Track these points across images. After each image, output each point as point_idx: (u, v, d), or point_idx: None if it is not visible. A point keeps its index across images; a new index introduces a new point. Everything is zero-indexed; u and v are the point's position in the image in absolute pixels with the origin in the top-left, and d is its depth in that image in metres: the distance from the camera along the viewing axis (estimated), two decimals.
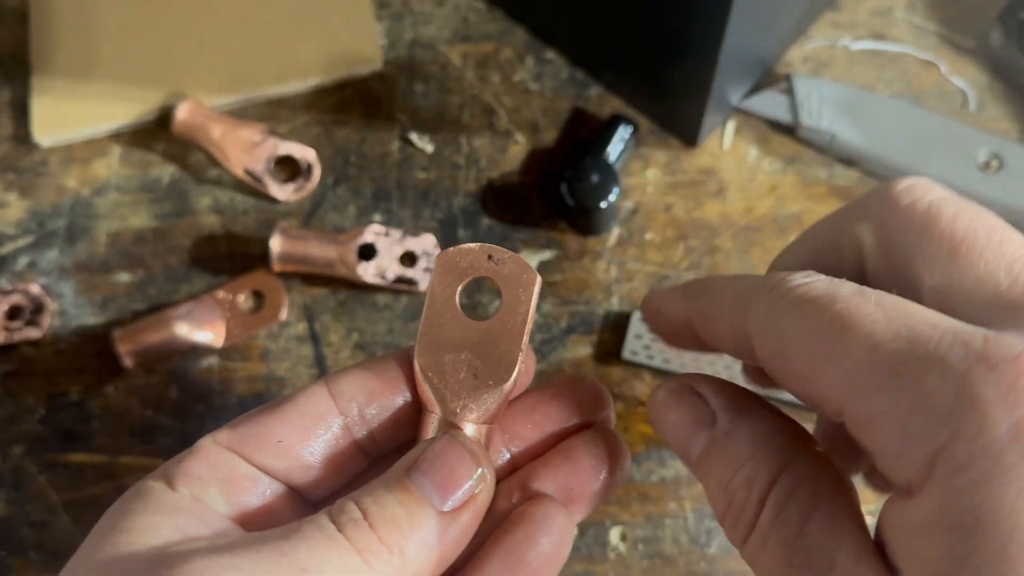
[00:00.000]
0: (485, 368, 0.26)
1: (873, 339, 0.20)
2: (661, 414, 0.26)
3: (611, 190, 0.51)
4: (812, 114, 0.54)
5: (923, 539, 0.20)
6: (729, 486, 0.23)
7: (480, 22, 0.59)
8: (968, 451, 0.19)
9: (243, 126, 0.54)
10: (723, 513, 0.24)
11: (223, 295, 0.52)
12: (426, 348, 0.26)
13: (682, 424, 0.25)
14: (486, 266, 0.26)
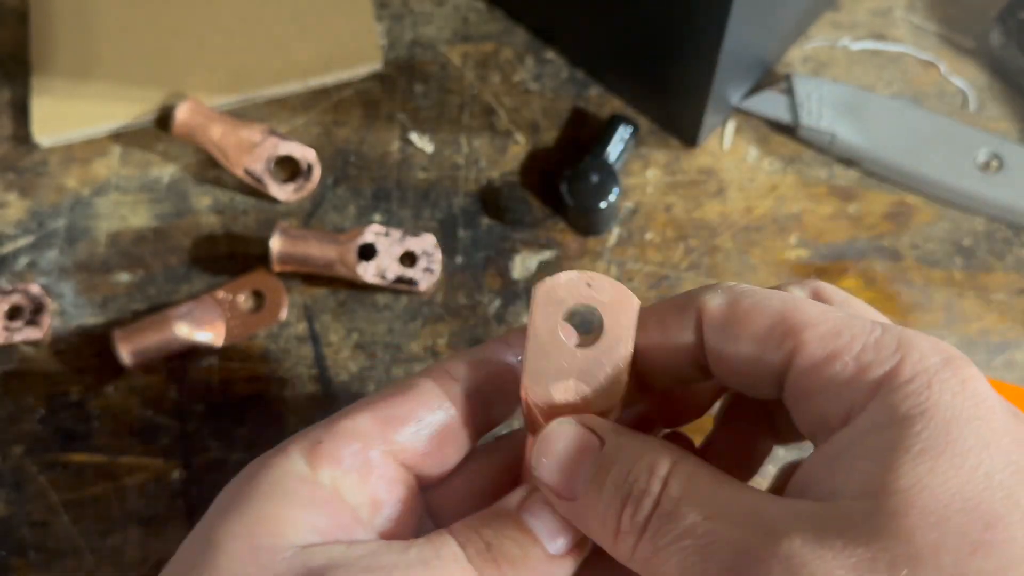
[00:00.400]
0: (592, 395, 0.26)
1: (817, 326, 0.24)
2: (549, 446, 0.26)
3: (611, 190, 0.51)
4: (812, 114, 0.54)
5: (865, 443, 0.22)
6: (627, 479, 0.24)
7: (480, 22, 0.59)
8: (910, 371, 0.22)
9: (243, 126, 0.54)
10: (617, 514, 0.24)
11: (223, 295, 0.52)
12: (533, 380, 0.26)
13: (569, 450, 0.25)
14: (585, 294, 0.26)
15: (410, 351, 0.51)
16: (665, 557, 0.23)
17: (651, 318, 0.27)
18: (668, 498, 0.23)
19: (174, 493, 0.49)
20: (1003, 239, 0.53)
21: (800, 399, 0.25)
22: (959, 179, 0.53)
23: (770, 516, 0.22)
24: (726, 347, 0.26)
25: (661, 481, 0.24)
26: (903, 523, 0.20)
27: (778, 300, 0.25)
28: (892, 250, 0.53)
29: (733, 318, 0.25)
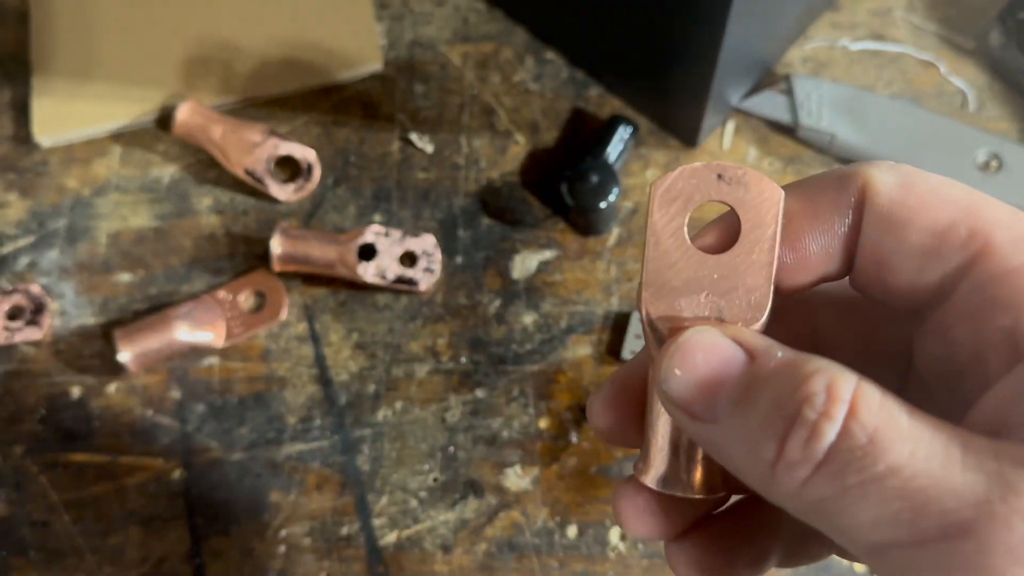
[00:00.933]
0: (731, 308, 0.22)
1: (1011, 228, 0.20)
2: (686, 356, 0.21)
3: (611, 190, 0.51)
4: (812, 114, 0.54)
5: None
6: (794, 397, 0.19)
7: (480, 22, 0.59)
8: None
9: (243, 126, 0.54)
10: (778, 437, 0.19)
11: (223, 295, 0.52)
12: (655, 295, 0.23)
13: (711, 362, 0.21)
14: (716, 188, 0.22)
15: (410, 351, 0.51)
16: (855, 501, 0.18)
17: (799, 199, 0.23)
18: (859, 426, 0.18)
19: (174, 493, 0.49)
20: None
21: (974, 315, 0.21)
22: (959, 179, 0.52)
23: (998, 461, 0.18)
24: (890, 237, 0.21)
25: (846, 405, 0.19)
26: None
27: (962, 190, 0.21)
28: None
29: (907, 203, 0.21)
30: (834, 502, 0.19)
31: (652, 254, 0.23)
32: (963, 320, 0.21)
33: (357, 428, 0.50)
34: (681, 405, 0.21)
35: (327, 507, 0.48)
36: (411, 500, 0.49)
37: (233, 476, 0.49)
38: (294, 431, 0.50)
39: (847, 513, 0.18)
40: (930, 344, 0.22)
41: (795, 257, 0.23)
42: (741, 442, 0.20)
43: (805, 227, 0.22)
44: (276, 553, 0.48)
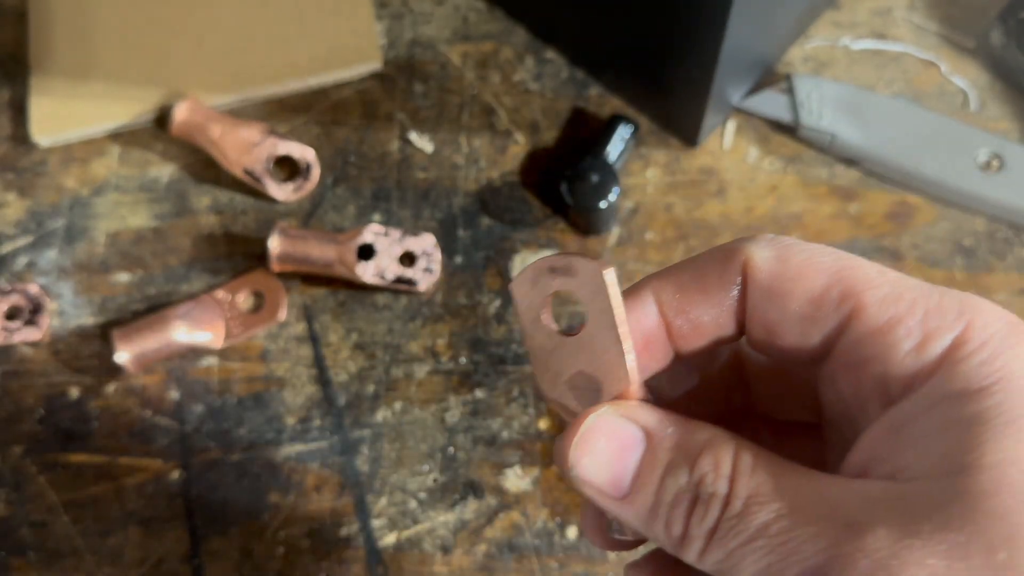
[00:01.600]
0: (605, 378, 0.24)
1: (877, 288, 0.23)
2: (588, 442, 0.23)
3: (611, 190, 0.51)
4: (812, 114, 0.54)
5: (937, 415, 0.20)
6: (692, 479, 0.22)
7: (480, 22, 0.59)
8: (978, 338, 0.21)
9: (242, 126, 0.54)
10: (684, 518, 0.22)
11: (222, 295, 0.52)
12: (546, 381, 0.25)
13: (612, 447, 0.23)
14: (554, 281, 0.25)
15: (410, 351, 0.51)
16: (738, 560, 0.21)
17: (689, 278, 0.25)
18: (736, 496, 0.21)
19: (173, 493, 0.49)
20: (1004, 239, 0.53)
21: (853, 367, 0.23)
22: (960, 179, 0.52)
23: (846, 505, 0.20)
24: (773, 307, 0.24)
25: (727, 480, 0.22)
26: (996, 502, 0.19)
27: (831, 256, 0.23)
28: (893, 250, 0.53)
29: (785, 274, 0.23)
30: (726, 564, 0.21)
31: (530, 348, 0.26)
32: (845, 372, 0.23)
33: (356, 429, 0.50)
34: (594, 488, 0.23)
35: (326, 508, 0.48)
36: (410, 501, 0.48)
37: (232, 477, 0.49)
38: (293, 432, 0.50)
39: (736, 572, 0.21)
40: (826, 391, 0.25)
41: (690, 327, 0.25)
42: (654, 518, 0.23)
43: (696, 300, 0.25)
44: (275, 554, 0.48)
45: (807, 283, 0.23)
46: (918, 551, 0.19)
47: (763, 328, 0.24)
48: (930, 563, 0.19)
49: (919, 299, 0.22)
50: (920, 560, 0.19)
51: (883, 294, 0.22)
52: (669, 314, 0.25)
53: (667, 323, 0.25)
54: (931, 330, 0.22)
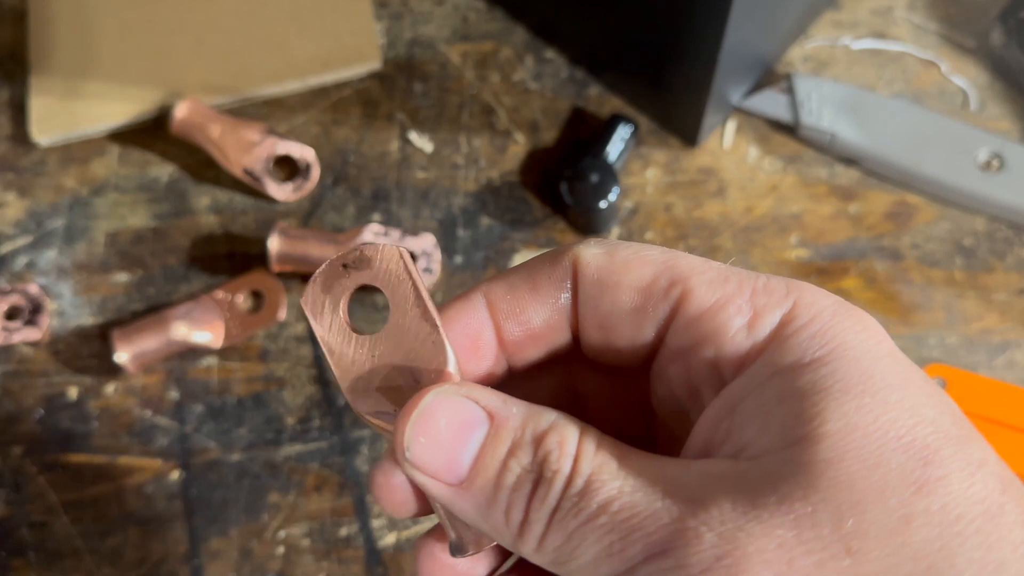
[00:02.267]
0: (421, 364, 0.23)
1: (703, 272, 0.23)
2: (427, 422, 0.22)
3: (611, 190, 0.51)
4: (812, 113, 0.54)
5: (771, 389, 0.20)
6: (536, 458, 0.21)
7: (480, 21, 0.59)
8: (807, 313, 0.21)
9: (242, 125, 0.54)
10: (526, 501, 0.21)
11: (222, 295, 0.52)
12: (356, 394, 0.24)
13: (454, 426, 0.22)
14: (348, 277, 0.24)
15: None
16: (578, 542, 0.20)
17: (520, 279, 0.24)
18: (579, 475, 0.20)
19: (173, 494, 0.49)
20: (1004, 239, 0.53)
21: (684, 353, 0.23)
22: (960, 179, 0.52)
23: (687, 482, 0.20)
24: (604, 300, 0.23)
25: (571, 459, 0.21)
26: (839, 469, 0.19)
27: (657, 250, 0.23)
28: (893, 250, 0.53)
29: (613, 268, 0.23)
30: (565, 549, 0.20)
31: (332, 360, 0.24)
32: (675, 360, 0.23)
33: (356, 429, 0.50)
34: (428, 471, 0.22)
35: (326, 508, 0.48)
36: None
37: (232, 477, 0.49)
38: (293, 432, 0.50)
39: (575, 556, 0.20)
40: (657, 388, 0.24)
41: (521, 331, 0.24)
42: (491, 505, 0.21)
43: (527, 300, 0.24)
44: (275, 554, 0.48)
45: (635, 274, 0.23)
46: (765, 522, 0.18)
47: (596, 325, 0.24)
48: (778, 533, 0.18)
49: (746, 280, 0.22)
50: (768, 532, 0.18)
51: (710, 278, 0.22)
52: (500, 317, 0.24)
53: (498, 328, 0.24)
54: (760, 307, 0.22)
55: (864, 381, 0.20)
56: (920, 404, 0.20)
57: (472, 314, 0.24)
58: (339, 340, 0.24)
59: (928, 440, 0.19)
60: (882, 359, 0.21)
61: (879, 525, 0.18)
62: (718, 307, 0.22)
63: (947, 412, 0.20)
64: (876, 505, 0.18)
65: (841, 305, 0.22)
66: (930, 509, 0.18)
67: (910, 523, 0.18)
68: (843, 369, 0.20)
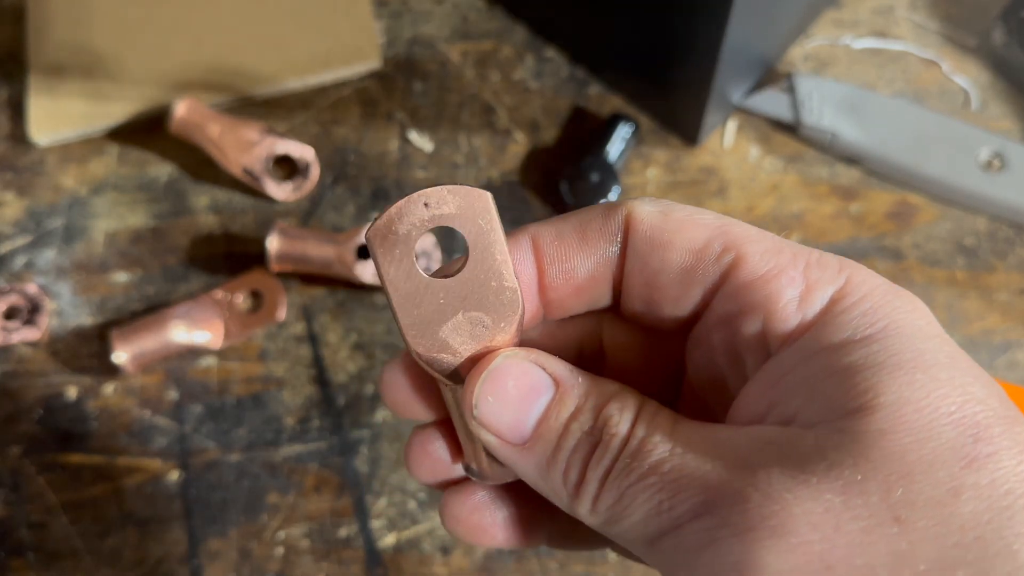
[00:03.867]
0: (490, 315, 0.23)
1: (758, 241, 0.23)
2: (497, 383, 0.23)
3: (611, 189, 0.51)
4: (813, 113, 0.54)
5: (824, 361, 0.21)
6: (597, 423, 0.22)
7: (480, 20, 0.59)
8: (859, 290, 0.21)
9: (241, 125, 0.54)
10: (583, 461, 0.22)
11: (221, 295, 0.52)
12: (417, 335, 0.23)
13: (521, 388, 0.23)
14: (427, 216, 0.23)
15: None
16: (629, 501, 0.21)
17: (570, 227, 0.24)
18: (635, 437, 0.21)
19: (172, 494, 0.49)
20: (1005, 239, 0.53)
21: (730, 320, 0.23)
22: (961, 178, 0.52)
23: (741, 447, 0.20)
24: (654, 258, 0.23)
25: (630, 422, 0.21)
26: (892, 440, 0.19)
27: (712, 215, 0.23)
28: (894, 249, 0.53)
29: (667, 227, 0.23)
30: (617, 508, 0.21)
31: (396, 301, 0.23)
32: (720, 327, 0.23)
33: (355, 429, 0.50)
34: (494, 430, 0.23)
35: (325, 508, 0.48)
36: (410, 502, 0.48)
37: (231, 477, 0.49)
38: (292, 432, 0.50)
39: (626, 515, 0.21)
40: (695, 354, 0.25)
41: (564, 279, 0.24)
42: (550, 465, 0.22)
43: (574, 249, 0.24)
44: (274, 555, 0.47)
45: (689, 234, 0.23)
46: (814, 487, 0.19)
47: (642, 283, 0.24)
48: (827, 498, 0.19)
49: (800, 253, 0.22)
50: (816, 495, 0.19)
51: (765, 247, 0.22)
52: (545, 261, 0.24)
53: (541, 273, 0.24)
54: (813, 281, 0.22)
55: (916, 358, 0.20)
56: (969, 383, 0.20)
57: (518, 255, 0.24)
58: (406, 280, 0.23)
59: (978, 418, 0.19)
60: (932, 339, 0.21)
61: (928, 496, 0.19)
62: (771, 276, 0.22)
63: (995, 393, 0.20)
64: (926, 477, 0.19)
65: (891, 286, 0.22)
66: (979, 483, 0.19)
67: (959, 496, 0.19)
68: (895, 346, 0.20)
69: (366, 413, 0.50)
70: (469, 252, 0.23)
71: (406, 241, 0.23)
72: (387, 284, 0.23)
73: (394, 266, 0.23)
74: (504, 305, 0.23)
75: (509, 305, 0.23)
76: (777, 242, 0.23)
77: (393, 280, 0.23)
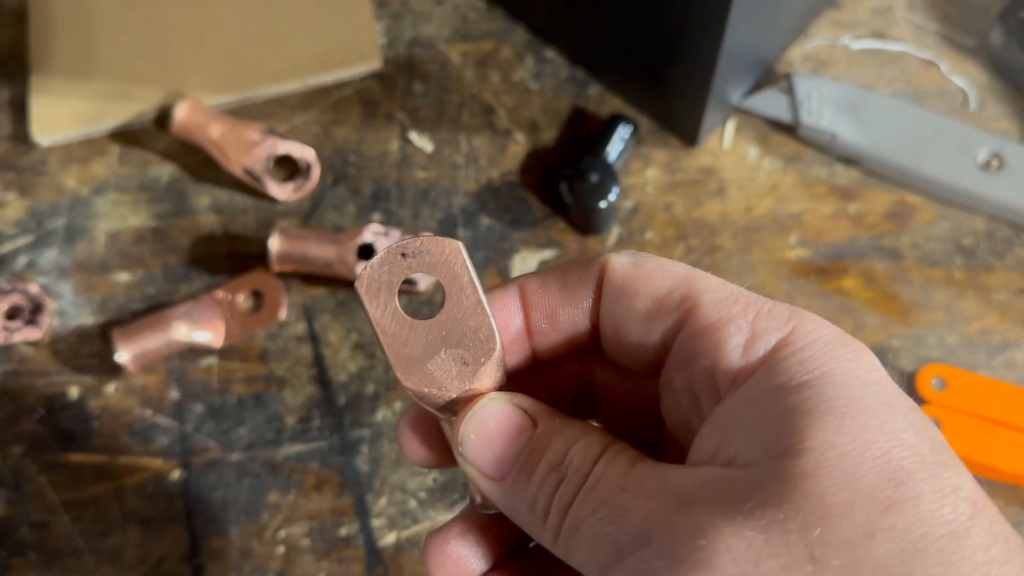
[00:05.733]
0: (470, 351, 0.26)
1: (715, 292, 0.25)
2: (480, 423, 0.25)
3: (611, 190, 0.51)
4: (812, 113, 0.54)
5: (762, 406, 0.22)
6: (564, 461, 0.24)
7: (480, 21, 0.59)
8: (804, 339, 0.23)
9: (242, 125, 0.54)
10: (550, 495, 0.24)
11: (222, 295, 0.52)
12: (406, 371, 0.26)
13: (501, 428, 0.25)
14: (406, 265, 0.26)
15: None
16: (584, 530, 0.23)
17: (553, 277, 0.27)
18: (593, 476, 0.23)
19: (173, 493, 0.49)
20: (1004, 239, 0.53)
21: (687, 363, 0.25)
22: (960, 178, 0.52)
23: (680, 485, 0.22)
24: (622, 304, 0.26)
25: (592, 461, 0.24)
26: (813, 483, 0.20)
27: (681, 267, 0.26)
28: (892, 250, 0.53)
29: (635, 276, 0.26)
30: (573, 537, 0.23)
31: (384, 341, 0.26)
32: (679, 369, 0.25)
33: (356, 428, 0.50)
34: (475, 465, 0.25)
35: (326, 508, 0.48)
36: (410, 501, 0.48)
37: (232, 476, 0.49)
38: (293, 431, 0.50)
39: (581, 544, 0.23)
40: (665, 397, 0.26)
41: (547, 323, 0.27)
42: (523, 499, 0.24)
43: (556, 296, 0.27)
44: (275, 554, 0.48)
45: (654, 284, 0.25)
46: (739, 524, 0.20)
47: (613, 328, 0.26)
48: (748, 535, 0.20)
49: (752, 304, 0.24)
50: (739, 532, 0.20)
51: (720, 297, 0.24)
52: (530, 308, 0.27)
53: (528, 318, 0.27)
54: (760, 330, 0.23)
55: (847, 404, 0.21)
56: (900, 429, 0.21)
57: (506, 303, 0.27)
58: (392, 322, 0.26)
59: (904, 463, 0.20)
60: (869, 386, 0.22)
61: (843, 537, 0.19)
62: (720, 324, 0.24)
63: (927, 439, 0.21)
64: (843, 518, 0.20)
65: (839, 335, 0.23)
66: (895, 526, 0.20)
67: (874, 538, 0.19)
68: (828, 392, 0.22)
69: (367, 412, 0.50)
70: (446, 295, 0.26)
71: (389, 288, 0.26)
72: (375, 326, 0.26)
73: (380, 310, 0.26)
74: (482, 342, 0.26)
75: (486, 341, 0.26)
76: (733, 293, 0.24)
77: (380, 322, 0.26)
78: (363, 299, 0.26)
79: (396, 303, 0.26)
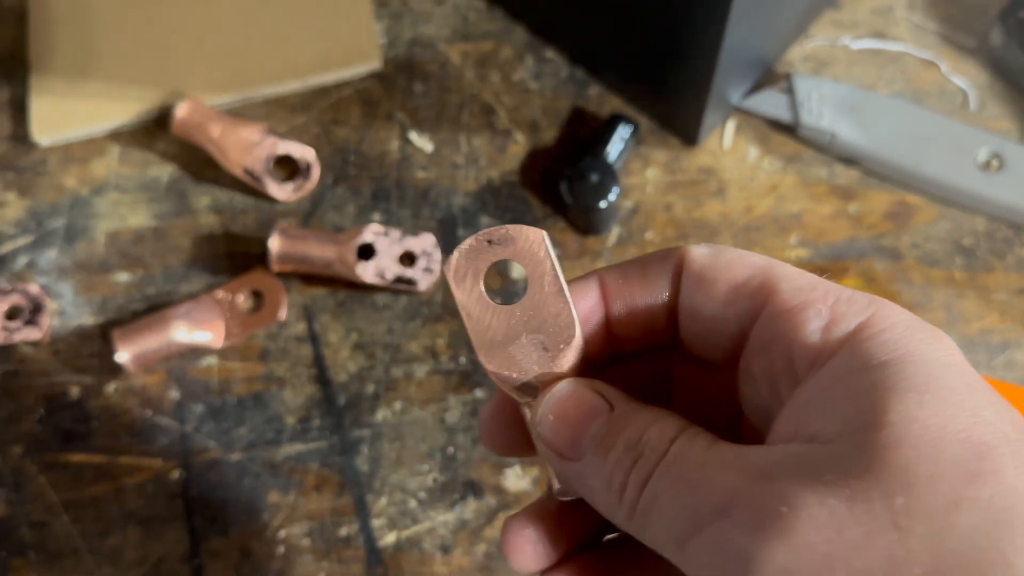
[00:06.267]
0: (549, 337, 0.27)
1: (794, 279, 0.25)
2: (558, 404, 0.26)
3: (611, 190, 0.51)
4: (812, 113, 0.54)
5: (844, 385, 0.22)
6: (640, 441, 0.24)
7: (480, 21, 0.59)
8: (884, 322, 0.23)
9: (242, 125, 0.54)
10: (626, 472, 0.24)
11: (222, 295, 0.52)
12: (488, 354, 0.27)
13: (579, 410, 0.26)
14: (491, 252, 0.27)
15: (409, 351, 0.51)
16: (661, 504, 0.23)
17: (633, 268, 0.28)
18: (671, 452, 0.24)
19: (173, 493, 0.49)
20: (1004, 239, 0.53)
21: (766, 348, 0.25)
22: (960, 178, 0.52)
23: (761, 459, 0.22)
24: (701, 292, 0.26)
25: (668, 440, 0.24)
26: (897, 454, 0.20)
27: (760, 257, 0.26)
28: (892, 250, 0.53)
29: (714, 266, 0.26)
30: (650, 510, 0.23)
31: (469, 324, 0.27)
32: (757, 355, 0.25)
33: (356, 428, 0.50)
34: (552, 445, 0.26)
35: (326, 508, 0.48)
36: (410, 501, 0.48)
37: (232, 476, 0.49)
38: (293, 431, 0.50)
39: (657, 518, 0.23)
40: (744, 386, 0.27)
41: (626, 311, 0.28)
42: (598, 477, 0.25)
43: (635, 286, 0.28)
44: (275, 554, 0.48)
45: (733, 272, 0.26)
46: (821, 493, 0.20)
47: (690, 316, 0.27)
48: (831, 503, 0.20)
49: (832, 291, 0.24)
50: (822, 501, 0.20)
51: (799, 284, 0.25)
52: (609, 297, 0.28)
53: (607, 305, 0.28)
54: (839, 314, 0.24)
55: (929, 382, 0.22)
56: (981, 407, 0.21)
57: (586, 292, 0.28)
58: (477, 306, 0.27)
59: (985, 438, 0.21)
60: (950, 367, 0.22)
61: (927, 506, 0.20)
62: (799, 308, 0.24)
63: (1008, 419, 0.22)
64: (927, 488, 0.20)
65: (918, 320, 0.24)
66: (980, 497, 0.20)
67: (958, 507, 0.20)
68: (909, 371, 0.22)
69: (367, 412, 0.50)
70: (528, 282, 0.27)
71: (475, 273, 0.27)
72: (462, 310, 0.27)
73: (466, 294, 0.27)
74: (561, 328, 0.27)
75: (566, 328, 0.27)
76: (813, 280, 0.25)
77: (466, 306, 0.27)
78: (451, 283, 0.27)
79: (481, 288, 0.27)
